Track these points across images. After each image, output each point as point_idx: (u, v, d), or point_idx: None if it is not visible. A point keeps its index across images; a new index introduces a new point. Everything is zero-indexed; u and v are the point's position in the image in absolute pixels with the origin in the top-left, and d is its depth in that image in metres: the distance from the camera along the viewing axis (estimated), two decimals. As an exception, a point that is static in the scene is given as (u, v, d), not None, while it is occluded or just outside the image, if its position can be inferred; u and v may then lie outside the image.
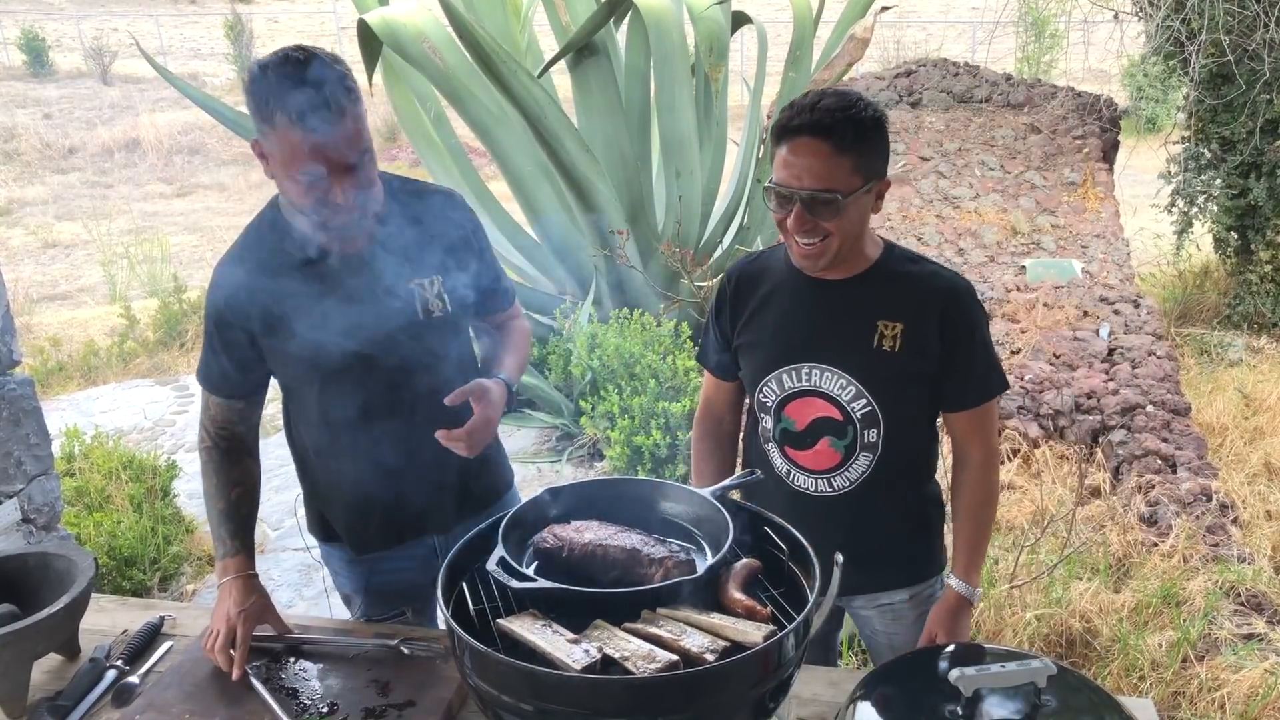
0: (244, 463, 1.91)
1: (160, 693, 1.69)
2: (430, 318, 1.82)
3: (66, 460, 4.24)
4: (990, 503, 1.90)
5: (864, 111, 1.64)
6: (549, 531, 1.52)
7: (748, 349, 1.89)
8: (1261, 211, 6.06)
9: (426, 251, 1.83)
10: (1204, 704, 2.78)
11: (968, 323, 1.77)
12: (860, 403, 1.77)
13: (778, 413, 1.84)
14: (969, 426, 1.86)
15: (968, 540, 1.89)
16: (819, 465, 1.84)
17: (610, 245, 5.12)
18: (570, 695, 1.24)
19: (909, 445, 1.85)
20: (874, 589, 1.95)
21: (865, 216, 1.72)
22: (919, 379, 1.78)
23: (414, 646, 1.77)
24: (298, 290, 1.77)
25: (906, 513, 1.92)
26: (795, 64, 5.50)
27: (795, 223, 1.67)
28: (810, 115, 1.62)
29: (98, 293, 8.84)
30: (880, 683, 1.52)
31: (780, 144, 1.67)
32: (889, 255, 1.81)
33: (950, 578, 1.90)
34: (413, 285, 1.81)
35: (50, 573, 1.82)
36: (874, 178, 1.68)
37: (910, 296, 1.76)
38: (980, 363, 1.80)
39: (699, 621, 1.36)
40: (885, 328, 1.75)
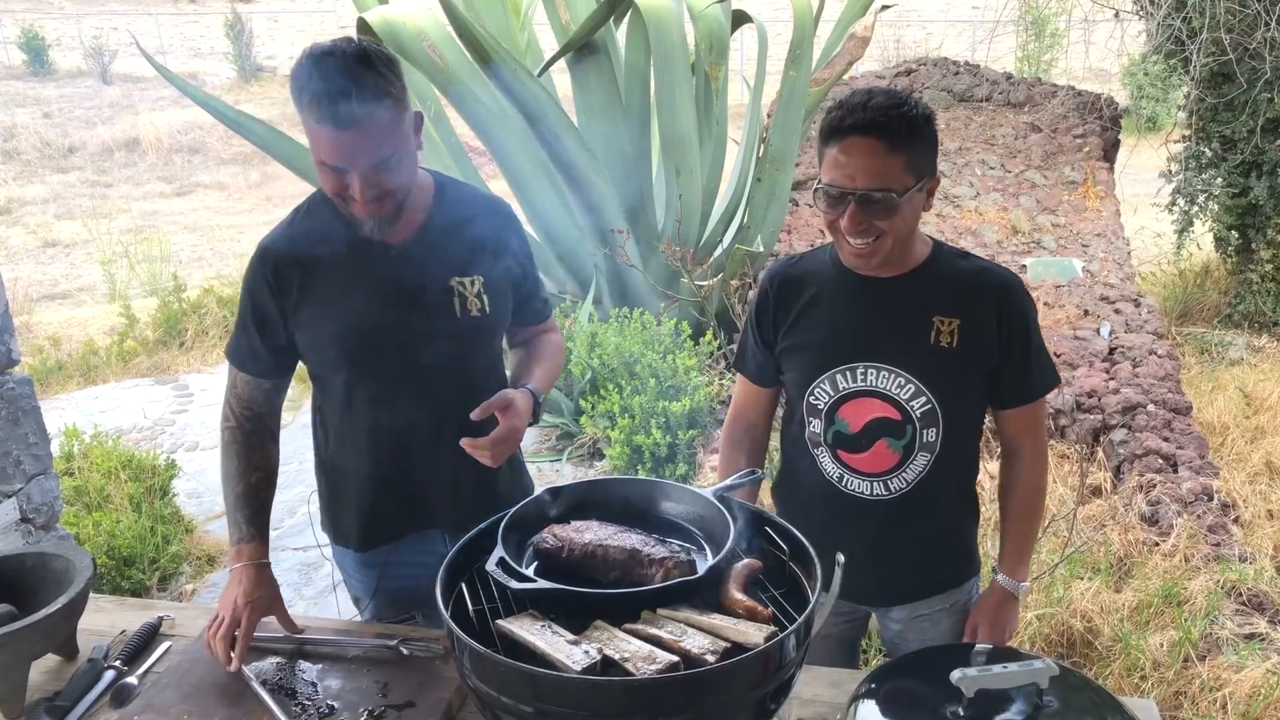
0: (265, 446, 1.91)
1: (158, 693, 1.68)
2: (468, 317, 1.82)
3: (65, 459, 4.24)
4: (1040, 498, 1.90)
5: (915, 109, 1.63)
6: (549, 532, 1.52)
7: (794, 352, 1.85)
8: (1262, 210, 6.06)
9: (471, 252, 1.84)
10: (1205, 704, 2.78)
11: (1022, 317, 1.76)
12: (920, 401, 1.75)
13: (830, 415, 1.81)
14: (1022, 423, 1.85)
15: (1017, 536, 1.89)
16: (875, 468, 1.81)
17: (610, 244, 5.11)
18: (570, 697, 1.23)
19: (964, 444, 1.84)
20: (918, 595, 1.92)
21: (917, 214, 1.70)
22: (977, 375, 1.77)
23: (413, 647, 1.76)
24: (335, 274, 1.78)
25: (953, 514, 1.91)
26: (795, 63, 5.49)
27: (849, 223, 1.65)
28: (863, 114, 1.60)
29: (97, 292, 8.84)
30: (882, 683, 1.51)
31: (830, 144, 1.64)
32: (939, 252, 1.79)
33: (996, 573, 1.90)
34: (453, 283, 1.81)
35: (48, 573, 1.81)
36: (925, 175, 1.67)
37: (965, 292, 1.75)
38: (1035, 357, 1.79)
39: (699, 622, 1.35)
40: (942, 324, 1.73)
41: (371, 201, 1.65)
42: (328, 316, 1.80)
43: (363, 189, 1.63)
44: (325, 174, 1.65)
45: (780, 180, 5.76)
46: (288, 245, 1.80)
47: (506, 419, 1.76)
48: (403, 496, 1.94)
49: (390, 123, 1.60)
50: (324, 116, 1.55)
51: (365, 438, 1.91)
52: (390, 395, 1.85)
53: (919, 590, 1.92)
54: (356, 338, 1.80)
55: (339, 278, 1.78)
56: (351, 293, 1.78)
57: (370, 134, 1.58)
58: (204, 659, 1.76)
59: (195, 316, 7.06)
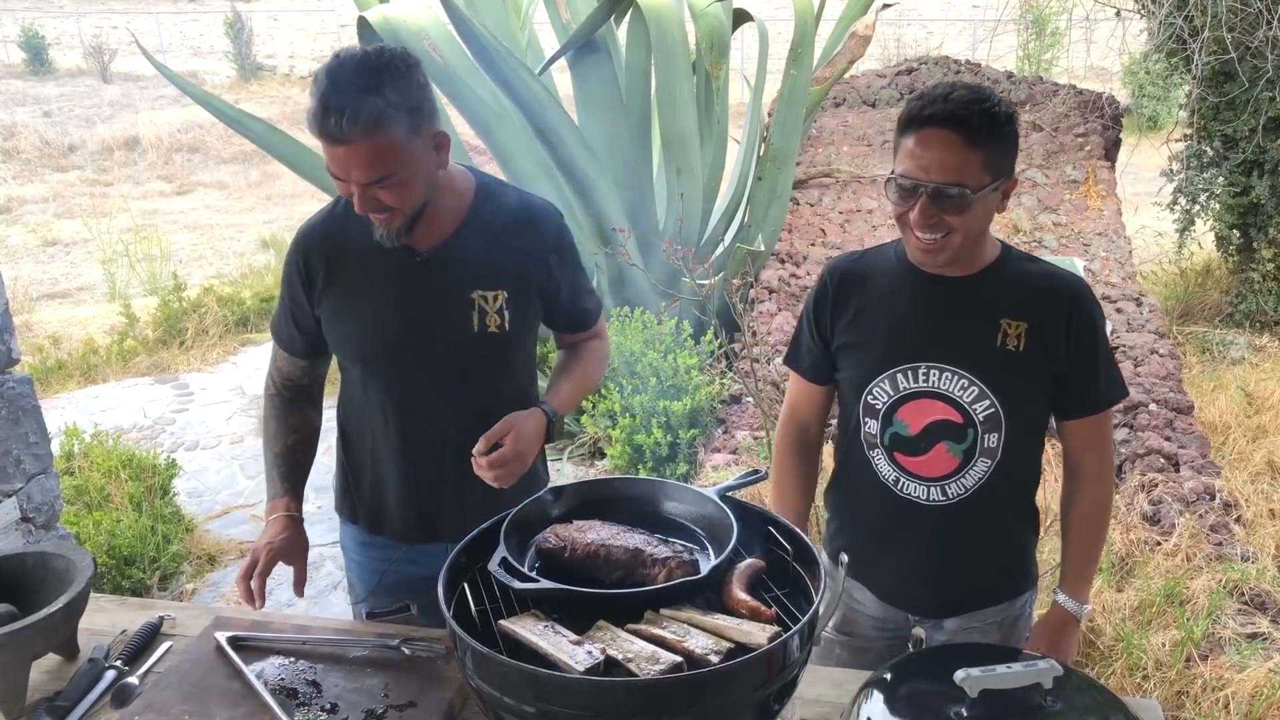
0: (304, 411, 1.97)
1: (159, 693, 1.68)
2: (485, 331, 1.80)
3: (66, 459, 4.24)
4: (1104, 515, 1.84)
5: (997, 106, 1.59)
6: (551, 532, 1.51)
7: (852, 349, 1.80)
8: (1264, 209, 6.05)
9: (500, 263, 1.80)
10: (1208, 704, 2.77)
11: (1091, 324, 1.71)
12: (983, 404, 1.70)
13: (888, 416, 1.75)
14: (1087, 435, 1.78)
15: (1078, 555, 1.83)
16: (933, 472, 1.75)
17: (611, 242, 5.10)
18: (573, 697, 1.23)
19: (1026, 452, 1.78)
20: (971, 608, 1.86)
21: (990, 215, 1.66)
22: (1042, 381, 1.72)
23: (415, 647, 1.75)
24: (359, 272, 1.80)
25: (1012, 524, 1.85)
26: (796, 61, 5.49)
27: (919, 216, 1.60)
28: (943, 105, 1.56)
29: (97, 291, 8.83)
30: (885, 683, 1.51)
31: (907, 134, 1.60)
32: (1008, 254, 1.75)
33: (1057, 593, 1.83)
34: (474, 295, 1.79)
35: (49, 572, 1.81)
36: (1002, 175, 1.62)
37: (1034, 295, 1.70)
38: (1104, 367, 1.73)
39: (703, 623, 1.35)
40: (1009, 326, 1.69)
41: (372, 214, 1.65)
42: (346, 312, 1.83)
43: (361, 203, 1.63)
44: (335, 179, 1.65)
45: (781, 179, 5.75)
46: (320, 236, 1.84)
47: (511, 444, 1.72)
48: (408, 501, 1.94)
49: (392, 142, 1.57)
50: (321, 128, 1.55)
51: (376, 434, 1.91)
52: (400, 400, 1.86)
53: (972, 602, 1.86)
54: (369, 338, 1.82)
55: (362, 276, 1.80)
56: (370, 293, 1.80)
57: (368, 151, 1.56)
58: (205, 659, 1.76)
59: (195, 316, 7.05)
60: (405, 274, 1.78)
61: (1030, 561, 1.90)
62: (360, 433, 1.96)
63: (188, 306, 7.15)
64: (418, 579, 2.00)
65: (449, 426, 1.84)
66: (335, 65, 1.57)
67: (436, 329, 1.80)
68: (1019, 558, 1.88)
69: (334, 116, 1.52)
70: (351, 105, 1.52)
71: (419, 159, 1.63)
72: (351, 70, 1.55)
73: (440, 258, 1.78)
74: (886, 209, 6.66)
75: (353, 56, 1.57)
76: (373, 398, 1.89)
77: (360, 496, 2.01)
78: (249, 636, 1.81)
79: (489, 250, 1.80)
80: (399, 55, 1.59)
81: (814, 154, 7.40)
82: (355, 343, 1.85)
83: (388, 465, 1.92)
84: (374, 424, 1.91)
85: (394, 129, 1.56)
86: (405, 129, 1.58)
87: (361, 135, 1.54)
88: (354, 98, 1.52)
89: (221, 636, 1.80)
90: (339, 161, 1.58)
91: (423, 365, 1.81)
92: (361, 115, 1.52)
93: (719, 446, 4.38)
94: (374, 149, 1.56)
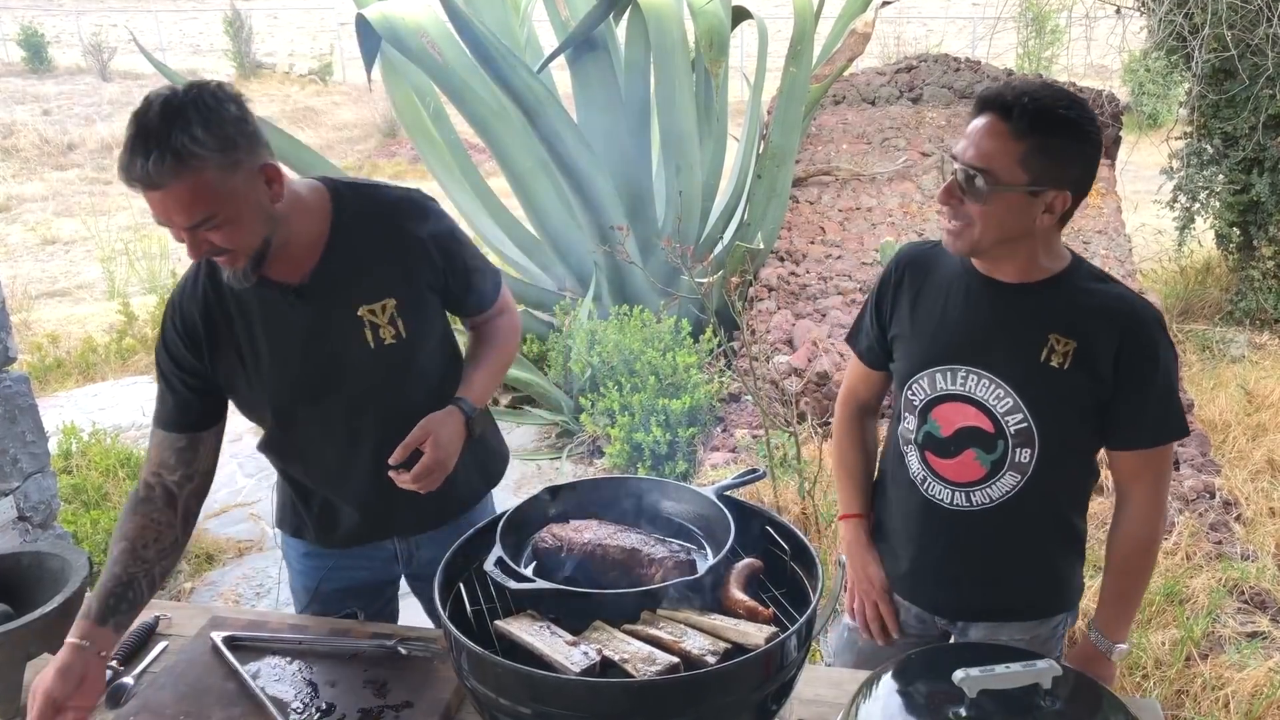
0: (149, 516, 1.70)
1: (155, 693, 1.67)
2: (382, 346, 1.73)
3: (64, 457, 4.23)
4: (1145, 555, 1.73)
5: (1064, 109, 1.50)
6: (547, 531, 1.51)
7: (903, 340, 1.76)
8: (1264, 207, 6.04)
9: (376, 273, 1.73)
10: (1208, 703, 2.77)
11: (1150, 354, 1.60)
12: (1016, 417, 1.64)
13: (923, 414, 1.72)
14: (1133, 469, 1.69)
15: (1113, 591, 1.75)
16: (960, 477, 1.71)
17: (610, 241, 5.10)
18: (569, 698, 1.22)
19: (1064, 473, 1.70)
20: (993, 618, 1.82)
21: (1021, 219, 1.55)
22: (1086, 404, 1.63)
23: (411, 647, 1.75)
24: (242, 326, 1.71)
25: (1045, 544, 1.78)
26: (796, 59, 5.48)
27: (941, 194, 1.57)
28: (1007, 92, 1.51)
29: (96, 289, 8.82)
30: (883, 684, 1.50)
31: (973, 114, 1.56)
32: (1075, 269, 1.65)
33: (1090, 627, 1.78)
34: (362, 313, 1.72)
35: (44, 572, 1.81)
36: (1047, 183, 1.52)
37: (1090, 315, 1.61)
38: (1157, 401, 1.62)
39: (700, 623, 1.34)
40: (1057, 342, 1.60)
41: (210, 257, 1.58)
42: (242, 371, 1.73)
43: (192, 248, 1.55)
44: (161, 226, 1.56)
45: (781, 177, 5.75)
46: (193, 298, 1.72)
47: (430, 451, 1.67)
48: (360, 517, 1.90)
49: (206, 180, 1.48)
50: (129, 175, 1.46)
51: (305, 474, 1.88)
52: (322, 437, 1.81)
53: (995, 612, 1.81)
54: (269, 387, 1.74)
55: (245, 328, 1.71)
56: (258, 342, 1.71)
57: (182, 193, 1.47)
58: (201, 659, 1.75)
59: (195, 314, 7.03)
60: (287, 313, 1.71)
61: (1066, 585, 1.82)
62: (293, 468, 1.91)
63: (187, 305, 7.12)
64: (360, 583, 1.99)
65: (377, 445, 1.76)
66: (142, 109, 1.48)
67: (333, 358, 1.73)
68: (1049, 578, 1.80)
69: (139, 161, 1.44)
70: (157, 148, 1.43)
71: (243, 195, 1.53)
72: (157, 112, 1.46)
73: (316, 286, 1.70)
74: (887, 206, 6.66)
75: (159, 96, 1.49)
76: (292, 440, 1.84)
77: (308, 516, 1.95)
78: (245, 637, 1.80)
79: (363, 262, 1.72)
80: (208, 90, 1.51)
81: (813, 152, 7.40)
82: (257, 395, 1.76)
83: (330, 491, 1.88)
84: (304, 460, 1.87)
85: (206, 167, 1.47)
86: (218, 165, 1.49)
87: (171, 177, 1.45)
88: (158, 140, 1.44)
89: (217, 636, 1.79)
90: (157, 206, 1.49)
91: (331, 398, 1.75)
92: (167, 157, 1.44)
93: (718, 445, 4.38)
94: (187, 190, 1.47)
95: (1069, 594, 1.82)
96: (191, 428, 1.76)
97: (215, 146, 1.47)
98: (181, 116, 1.46)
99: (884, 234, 6.13)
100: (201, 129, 1.46)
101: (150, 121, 1.45)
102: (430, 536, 1.97)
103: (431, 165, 5.98)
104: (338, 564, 1.99)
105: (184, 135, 1.45)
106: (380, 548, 1.99)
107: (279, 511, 2.02)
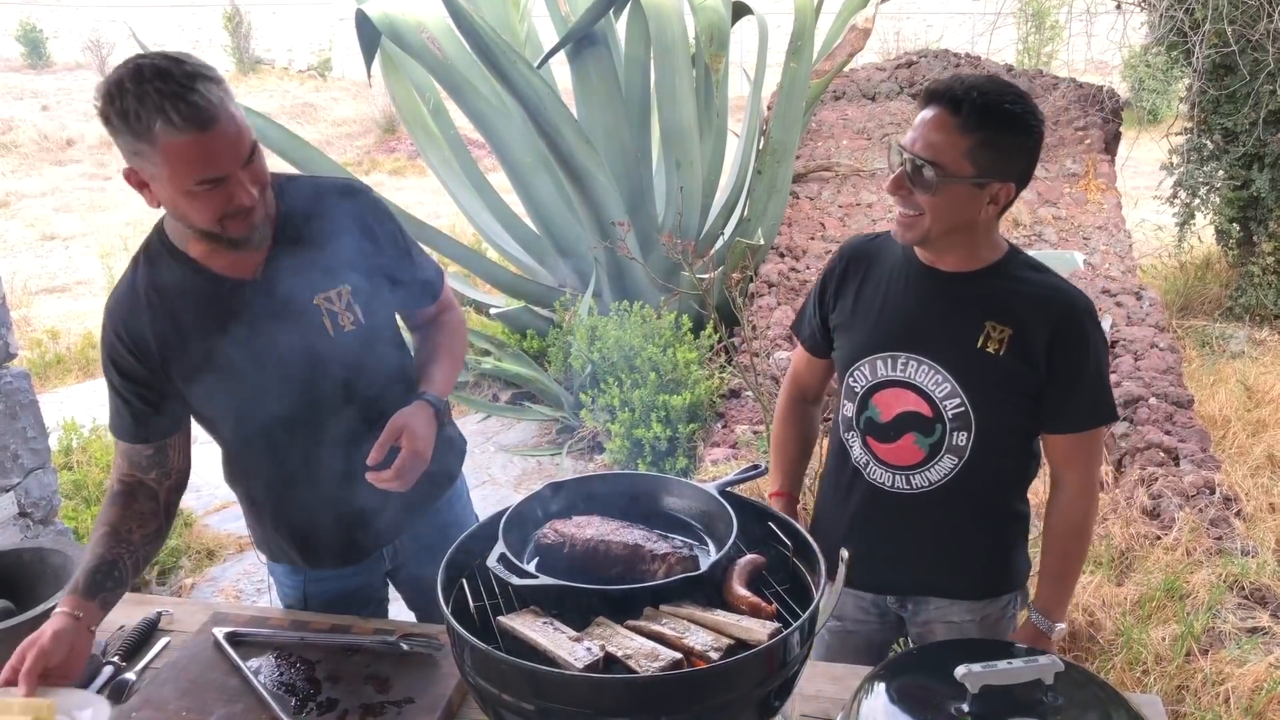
0: (130, 507, 1.71)
1: (157, 689, 1.68)
2: (342, 333, 1.71)
3: (64, 453, 4.23)
4: (1079, 536, 1.81)
5: (1009, 103, 1.56)
6: (550, 527, 1.50)
7: (845, 329, 1.83)
8: (1264, 203, 6.04)
9: (327, 259, 1.70)
10: (1208, 698, 2.77)
11: (1080, 341, 1.68)
12: (953, 402, 1.71)
13: (864, 400, 1.78)
14: (1066, 452, 1.77)
15: (1050, 571, 1.82)
16: (899, 460, 1.77)
17: (611, 237, 5.09)
18: (573, 694, 1.22)
19: (1001, 456, 1.77)
20: (937, 593, 1.87)
21: (968, 209, 1.62)
22: (1020, 389, 1.70)
23: (413, 643, 1.75)
24: (196, 323, 1.66)
25: (986, 526, 1.83)
26: (796, 55, 5.47)
27: (890, 184, 1.62)
28: (955, 86, 1.57)
29: (96, 285, 8.80)
30: (886, 679, 1.50)
31: (921, 106, 1.62)
32: (1011, 259, 1.73)
33: (1030, 608, 1.83)
34: (318, 301, 1.70)
35: (46, 568, 1.81)
36: (992, 175, 1.59)
37: (1025, 303, 1.68)
38: (1089, 387, 1.70)
39: (703, 619, 1.34)
40: (993, 329, 1.68)
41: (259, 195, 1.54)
42: (196, 371, 1.67)
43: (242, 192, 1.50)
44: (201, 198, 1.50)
45: (781, 173, 5.74)
46: (136, 303, 1.66)
47: (407, 445, 1.65)
48: (330, 531, 1.86)
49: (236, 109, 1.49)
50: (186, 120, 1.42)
51: (275, 476, 1.82)
52: (286, 434, 1.75)
53: (940, 588, 1.86)
54: (231, 386, 1.68)
55: (197, 327, 1.65)
56: (214, 343, 1.65)
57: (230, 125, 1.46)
58: (203, 655, 1.75)
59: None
60: (242, 308, 1.66)
61: (1010, 566, 1.88)
62: (260, 486, 1.85)
63: (186, 301, 7.12)
64: (350, 591, 1.97)
65: (346, 438, 1.74)
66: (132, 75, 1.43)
67: (295, 350, 1.69)
68: (994, 558, 1.86)
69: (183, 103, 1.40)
70: (191, 84, 1.42)
71: None
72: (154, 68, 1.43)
73: (269, 279, 1.67)
74: (887, 202, 6.65)
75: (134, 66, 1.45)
76: (258, 446, 1.78)
77: (283, 539, 1.90)
78: (247, 633, 1.81)
79: (313, 251, 1.69)
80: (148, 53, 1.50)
81: (813, 148, 7.39)
82: (218, 394, 1.70)
83: (297, 503, 1.82)
84: (272, 471, 1.81)
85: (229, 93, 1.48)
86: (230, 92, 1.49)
87: (219, 105, 1.44)
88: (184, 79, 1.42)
89: (219, 632, 1.79)
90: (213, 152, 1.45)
91: (294, 391, 1.71)
92: (210, 86, 1.43)
93: (718, 441, 4.37)
94: (233, 118, 1.46)
95: (1014, 575, 1.88)
96: (156, 436, 1.73)
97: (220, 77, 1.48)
98: (176, 59, 1.45)
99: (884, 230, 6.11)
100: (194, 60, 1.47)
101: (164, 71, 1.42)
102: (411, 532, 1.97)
103: (431, 161, 5.97)
104: (324, 574, 1.96)
105: (193, 66, 1.45)
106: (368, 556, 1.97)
107: (256, 541, 1.97)
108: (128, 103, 1.43)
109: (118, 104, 1.44)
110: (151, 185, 1.51)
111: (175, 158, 1.45)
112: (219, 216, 1.52)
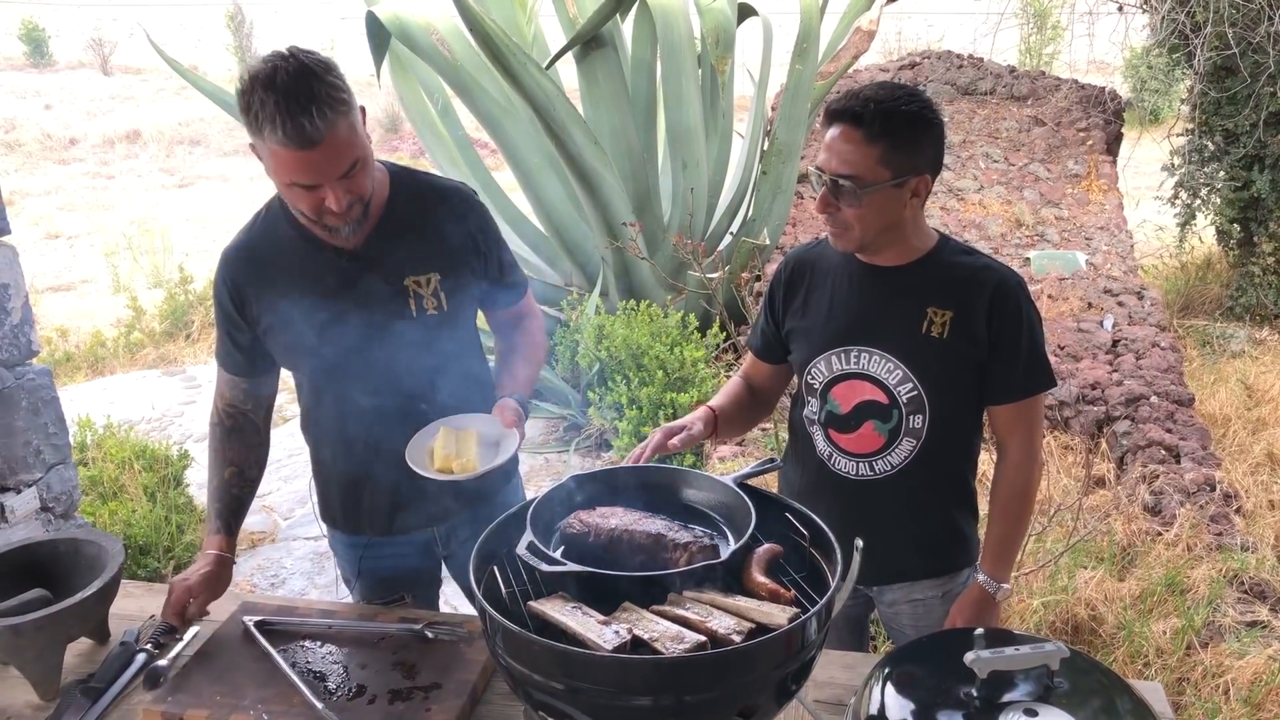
0: (244, 442, 1.97)
1: (190, 676, 1.72)
2: (425, 315, 1.84)
3: (80, 450, 4.27)
4: (1023, 500, 1.89)
5: (905, 105, 1.67)
6: (575, 517, 1.55)
7: (799, 333, 1.93)
8: (1264, 204, 6.09)
9: (427, 248, 1.85)
10: (1208, 690, 2.82)
11: (1015, 315, 1.78)
12: (906, 387, 1.81)
13: (824, 395, 1.88)
14: (1009, 421, 1.86)
15: (997, 535, 1.91)
16: (861, 449, 1.87)
17: (620, 236, 5.14)
18: (601, 674, 1.27)
19: (953, 434, 1.87)
20: (905, 577, 1.97)
21: (893, 209, 1.73)
22: (966, 367, 1.81)
23: (439, 631, 1.80)
24: (290, 283, 1.81)
25: (944, 503, 1.94)
26: (801, 56, 5.51)
27: (818, 204, 1.73)
28: (852, 102, 1.67)
29: (100, 283, 8.85)
30: (896, 666, 1.55)
31: (826, 126, 1.72)
32: (943, 246, 1.84)
33: (977, 571, 1.92)
34: (408, 282, 1.83)
35: (81, 559, 1.85)
36: (907, 172, 1.70)
37: (961, 285, 1.79)
38: (1025, 357, 1.80)
39: (725, 604, 1.39)
40: (935, 314, 1.79)
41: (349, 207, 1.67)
42: (284, 325, 1.83)
43: (337, 201, 1.64)
44: (298, 193, 1.65)
45: (785, 173, 5.79)
46: (244, 254, 1.86)
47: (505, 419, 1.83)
48: (380, 494, 1.98)
49: (353, 125, 1.63)
50: (294, 137, 1.55)
51: (338, 437, 1.96)
52: (355, 398, 1.89)
53: (908, 572, 1.96)
54: (313, 346, 1.83)
55: (293, 286, 1.81)
56: (305, 301, 1.80)
57: (336, 142, 1.59)
58: (234, 643, 1.80)
59: (201, 309, 7.08)
60: (336, 276, 1.81)
61: (967, 540, 1.99)
62: (323, 442, 2.00)
63: (193, 299, 7.18)
64: (406, 570, 2.07)
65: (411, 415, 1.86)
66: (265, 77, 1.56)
67: (377, 323, 1.82)
68: (954, 533, 1.96)
69: (303, 121, 1.54)
70: (313, 104, 1.54)
71: (365, 136, 1.68)
72: (290, 76, 1.55)
73: (368, 252, 1.81)
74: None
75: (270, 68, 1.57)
76: (327, 403, 1.94)
77: (335, 501, 2.06)
78: (276, 621, 1.85)
79: (415, 236, 1.84)
80: (299, 50, 1.61)
81: (818, 148, 7.41)
82: (300, 352, 1.87)
83: (354, 466, 1.97)
84: (334, 429, 1.95)
85: (350, 110, 1.61)
86: (353, 108, 1.62)
87: (331, 127, 1.57)
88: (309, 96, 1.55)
89: (249, 621, 1.84)
90: (311, 166, 1.60)
91: (370, 360, 1.84)
92: (325, 109, 1.56)
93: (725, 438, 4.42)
94: (344, 137, 1.60)
95: (971, 549, 1.99)
96: (247, 373, 1.94)
97: (348, 90, 1.60)
98: (312, 72, 1.56)
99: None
100: (332, 76, 1.59)
101: (290, 85, 1.54)
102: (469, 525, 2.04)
103: (437, 160, 6.01)
104: (380, 550, 2.06)
105: (325, 86, 1.56)
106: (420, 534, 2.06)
107: (320, 506, 2.11)
108: (252, 101, 1.57)
109: (245, 98, 1.58)
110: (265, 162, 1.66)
111: (277, 161, 1.61)
112: (311, 210, 1.68)
